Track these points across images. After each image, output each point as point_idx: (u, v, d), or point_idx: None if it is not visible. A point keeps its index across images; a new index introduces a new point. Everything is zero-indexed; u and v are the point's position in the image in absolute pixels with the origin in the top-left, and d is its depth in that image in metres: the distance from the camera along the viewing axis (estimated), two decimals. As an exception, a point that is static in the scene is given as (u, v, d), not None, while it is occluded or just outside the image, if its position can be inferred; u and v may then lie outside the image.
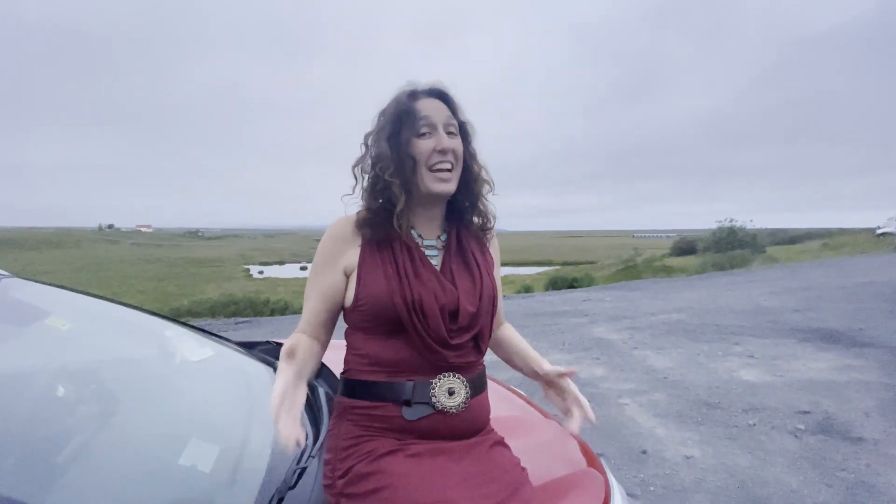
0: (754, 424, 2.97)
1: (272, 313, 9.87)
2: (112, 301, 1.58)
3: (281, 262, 60.63)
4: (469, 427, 0.93)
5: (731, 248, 19.29)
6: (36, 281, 1.44)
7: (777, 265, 14.58)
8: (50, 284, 1.48)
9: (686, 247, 29.97)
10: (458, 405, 0.91)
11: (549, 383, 1.10)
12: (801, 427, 2.90)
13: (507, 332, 1.16)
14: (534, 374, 1.11)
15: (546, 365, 1.09)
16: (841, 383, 3.62)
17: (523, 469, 0.95)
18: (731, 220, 21.43)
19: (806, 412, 3.11)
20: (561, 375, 1.06)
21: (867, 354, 4.32)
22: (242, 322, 7.92)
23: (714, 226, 21.98)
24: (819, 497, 2.20)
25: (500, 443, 0.99)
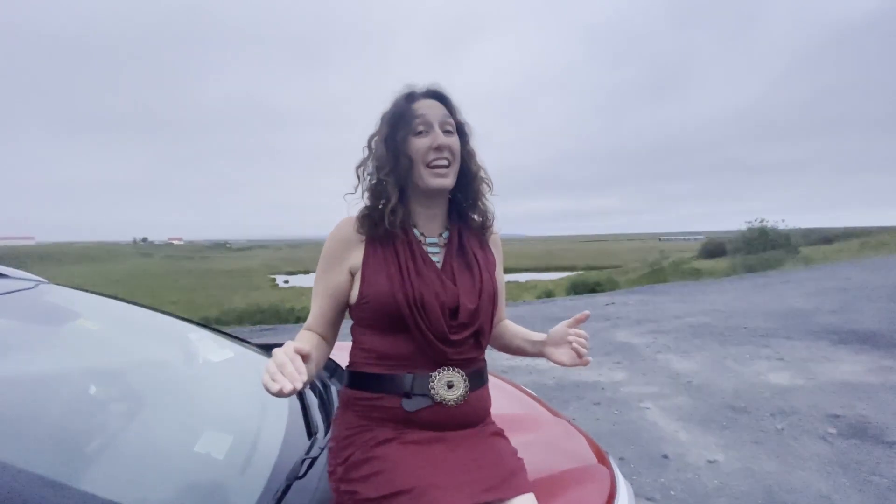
0: (782, 429, 2.87)
1: (297, 321, 10.12)
2: (137, 304, 1.67)
3: (306, 272, 61.81)
4: (467, 419, 0.95)
5: (762, 250, 18.67)
6: (68, 286, 1.54)
7: (812, 266, 14.03)
8: (80, 289, 1.58)
9: (715, 249, 29.14)
10: (457, 398, 0.93)
11: (556, 343, 1.03)
12: (833, 431, 2.80)
13: (506, 324, 1.17)
14: (541, 345, 1.06)
15: (557, 326, 1.03)
16: (876, 386, 3.47)
17: (520, 458, 0.97)
18: (761, 221, 20.77)
19: (837, 416, 2.99)
20: (578, 321, 1.00)
21: (906, 356, 4.12)
22: (267, 329, 8.11)
23: (744, 227, 21.34)
24: (850, 502, 2.12)
25: (498, 433, 1.00)
